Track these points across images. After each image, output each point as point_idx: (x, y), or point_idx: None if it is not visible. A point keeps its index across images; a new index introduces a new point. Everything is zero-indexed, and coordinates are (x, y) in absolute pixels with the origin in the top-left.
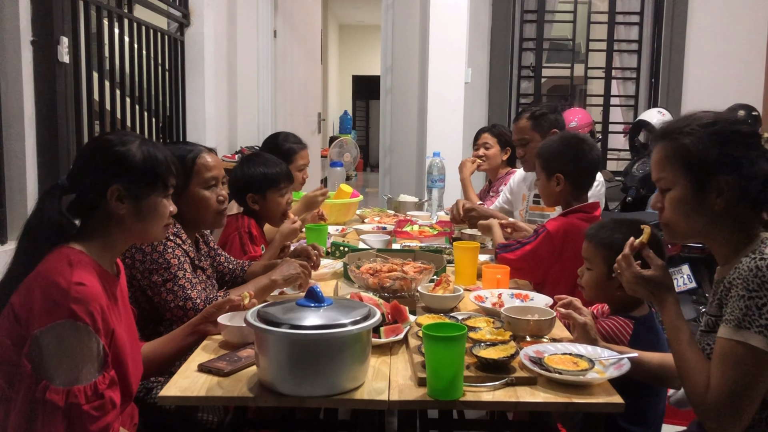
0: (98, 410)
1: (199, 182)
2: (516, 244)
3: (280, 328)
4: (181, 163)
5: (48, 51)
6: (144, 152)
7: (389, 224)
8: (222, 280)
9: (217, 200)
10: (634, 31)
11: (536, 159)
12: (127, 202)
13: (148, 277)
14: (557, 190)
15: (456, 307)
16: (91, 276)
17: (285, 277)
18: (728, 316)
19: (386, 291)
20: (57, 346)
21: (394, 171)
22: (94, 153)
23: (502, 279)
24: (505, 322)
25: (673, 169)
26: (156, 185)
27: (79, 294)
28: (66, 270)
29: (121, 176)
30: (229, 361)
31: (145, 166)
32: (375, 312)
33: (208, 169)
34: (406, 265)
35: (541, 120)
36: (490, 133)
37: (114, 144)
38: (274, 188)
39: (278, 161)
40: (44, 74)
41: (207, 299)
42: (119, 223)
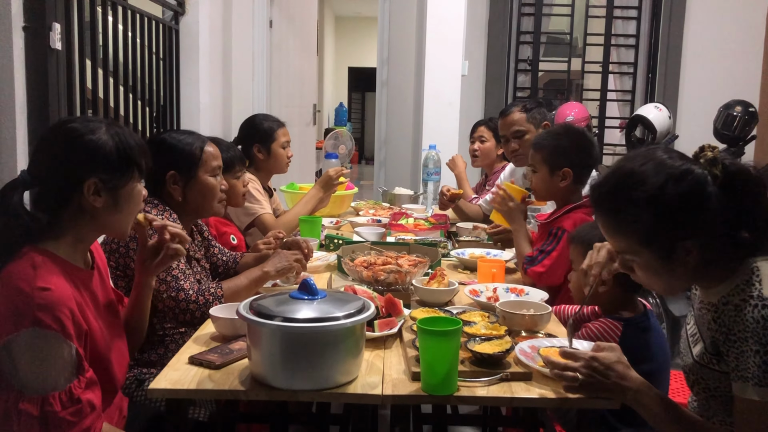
0: (75, 415)
1: (207, 170)
2: (539, 255)
3: (273, 321)
4: (189, 151)
5: (40, 37)
6: (116, 139)
7: (384, 217)
8: (215, 273)
9: (221, 189)
10: (631, 25)
11: (535, 152)
12: (104, 195)
13: None
14: (561, 185)
15: (451, 301)
16: (58, 278)
17: (278, 268)
18: (743, 372)
19: (380, 284)
20: (26, 355)
21: (389, 164)
22: (61, 144)
23: (498, 273)
24: (501, 316)
25: (629, 242)
26: (132, 172)
27: (43, 300)
28: (29, 274)
29: (97, 169)
30: (220, 353)
31: (119, 154)
32: (369, 305)
33: (215, 157)
34: (401, 258)
35: (534, 113)
36: (486, 126)
37: (82, 133)
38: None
39: (231, 145)
40: (36, 61)
41: (200, 291)
42: (93, 216)
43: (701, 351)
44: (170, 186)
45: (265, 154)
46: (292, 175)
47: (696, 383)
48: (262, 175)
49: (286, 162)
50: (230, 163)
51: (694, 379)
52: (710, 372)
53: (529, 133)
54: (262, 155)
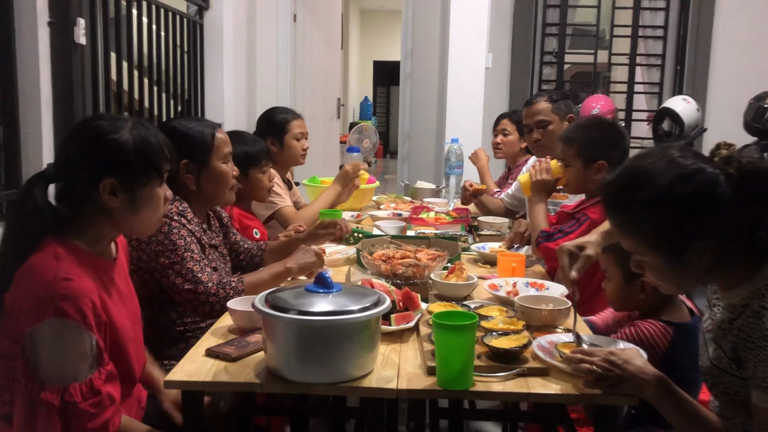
0: (95, 407)
1: (219, 157)
2: (558, 233)
3: (288, 314)
4: (201, 139)
5: (65, 32)
6: (137, 140)
7: (405, 211)
8: (236, 261)
9: (232, 175)
10: (659, 16)
11: (567, 146)
12: (121, 195)
13: (155, 260)
14: (595, 179)
15: (469, 295)
16: (80, 269)
17: (300, 264)
18: (761, 381)
19: (398, 278)
20: (48, 344)
21: (412, 157)
22: (84, 141)
23: (518, 267)
24: (519, 311)
25: (638, 243)
26: (150, 175)
27: (66, 290)
28: (52, 265)
29: (114, 169)
30: (237, 346)
31: (138, 156)
32: (384, 299)
33: (226, 144)
34: (420, 252)
35: (560, 104)
36: (509, 119)
37: (106, 131)
38: (255, 166)
39: (257, 139)
40: (61, 56)
41: (220, 284)
42: (111, 216)
43: (719, 354)
44: (184, 175)
45: (279, 147)
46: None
47: (714, 386)
48: (279, 167)
49: (300, 154)
50: (256, 157)
51: (712, 382)
52: (730, 377)
53: (552, 123)
54: (275, 147)
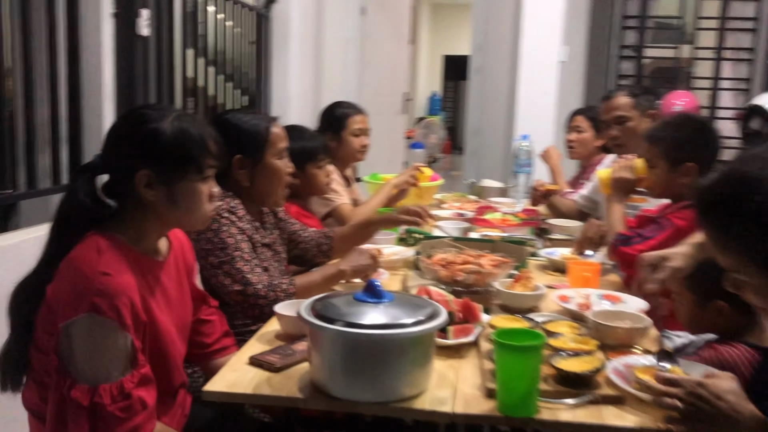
0: (125, 411)
1: (274, 153)
2: (636, 237)
3: (334, 325)
4: (256, 132)
5: (128, 24)
6: (176, 130)
7: (469, 211)
8: (299, 251)
9: (287, 172)
10: (749, 7)
11: (651, 145)
12: (157, 189)
13: (204, 258)
14: (682, 182)
15: (536, 306)
16: (121, 265)
17: (354, 267)
18: None
19: (459, 285)
20: (81, 340)
21: (480, 154)
22: (126, 129)
23: (591, 278)
24: (592, 328)
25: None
26: (188, 167)
27: (103, 285)
28: (93, 258)
29: (149, 159)
30: (282, 354)
31: (175, 147)
32: (441, 311)
33: (281, 139)
34: (483, 258)
35: (641, 99)
36: (584, 116)
37: (146, 120)
38: (312, 161)
39: (315, 134)
40: (124, 48)
41: (270, 286)
42: (153, 210)
43: None
44: (236, 171)
45: (337, 142)
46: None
47: None
48: (338, 163)
49: (358, 150)
50: (313, 152)
51: None
52: None
53: (632, 120)
54: (334, 143)
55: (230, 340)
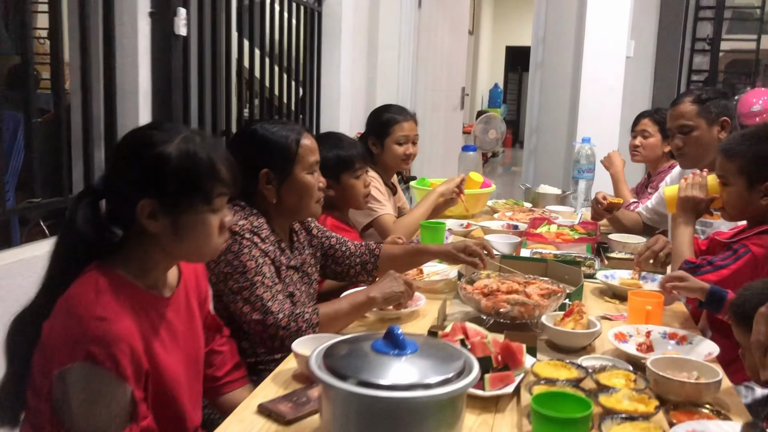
0: None
1: (303, 167)
2: (707, 266)
3: (347, 383)
4: (285, 145)
5: (165, 23)
6: (182, 154)
7: (522, 222)
8: (340, 267)
9: (318, 187)
10: None
11: (727, 160)
12: (161, 219)
13: (224, 282)
14: (761, 203)
15: (590, 345)
16: (121, 307)
17: (386, 295)
18: None
19: (502, 317)
20: (76, 390)
21: (540, 152)
22: (128, 152)
23: (653, 312)
24: (651, 379)
25: None
26: (194, 196)
27: (99, 332)
28: (90, 299)
29: (152, 187)
30: (295, 402)
31: (181, 174)
32: (472, 365)
33: (312, 152)
34: (530, 285)
35: (709, 105)
36: (651, 119)
37: (151, 143)
38: (348, 171)
39: (353, 142)
40: (161, 48)
41: (292, 315)
42: (157, 243)
43: None
44: (263, 186)
45: (380, 148)
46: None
47: None
48: (382, 170)
49: (401, 159)
50: (348, 162)
51: None
52: None
53: (697, 129)
54: (376, 149)
55: (241, 372)
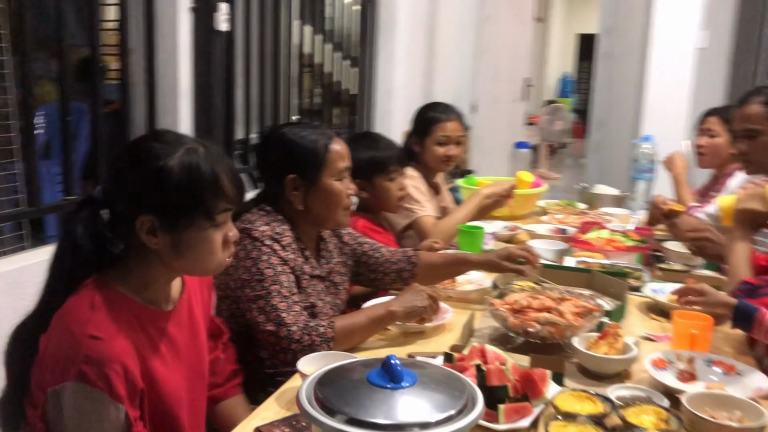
0: None
1: (332, 173)
2: (766, 287)
3: (334, 420)
4: (313, 150)
5: (207, 18)
6: (184, 168)
7: (572, 226)
8: (382, 281)
9: (347, 194)
10: None
11: None
12: (161, 236)
13: (241, 289)
14: None
15: (626, 371)
16: (116, 325)
17: (407, 308)
18: None
19: (531, 337)
20: (69, 410)
21: (604, 150)
22: (128, 164)
23: (700, 336)
24: (685, 419)
25: None
26: (196, 213)
27: (92, 351)
28: (84, 316)
29: (151, 203)
30: (293, 428)
31: (182, 189)
32: (476, 400)
33: (341, 158)
34: (565, 302)
35: None
36: (719, 117)
37: (153, 156)
38: (381, 173)
39: (390, 144)
40: (202, 43)
41: (306, 327)
42: (158, 258)
43: None
44: (290, 192)
45: (421, 148)
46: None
47: None
48: (423, 169)
49: (442, 160)
50: (382, 164)
51: None
52: None
53: (764, 134)
54: (418, 148)
55: (238, 379)
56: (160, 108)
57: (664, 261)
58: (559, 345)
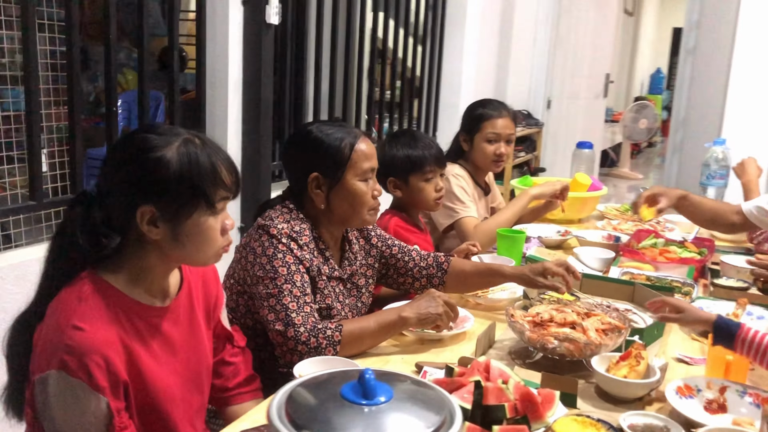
0: None
1: (356, 173)
2: None
3: None
4: (337, 149)
5: (258, 12)
6: (183, 160)
7: (626, 233)
8: (412, 285)
9: (372, 195)
10: None
11: None
12: (162, 226)
13: (255, 286)
14: None
15: (648, 397)
16: (102, 315)
17: (421, 316)
18: None
19: (548, 353)
20: (51, 398)
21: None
22: (124, 157)
23: (736, 364)
24: None
25: None
26: (197, 202)
27: (72, 341)
28: (70, 307)
29: (152, 194)
30: None
31: (182, 180)
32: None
33: (367, 158)
34: (591, 317)
35: None
36: None
37: (150, 147)
38: (416, 173)
39: (430, 143)
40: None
41: (314, 329)
42: (156, 249)
43: None
44: (312, 190)
45: (469, 145)
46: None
47: None
48: (472, 168)
49: (491, 160)
50: (419, 163)
51: None
52: None
53: None
54: (467, 145)
55: (254, 384)
56: (209, 99)
57: (720, 276)
58: (581, 363)
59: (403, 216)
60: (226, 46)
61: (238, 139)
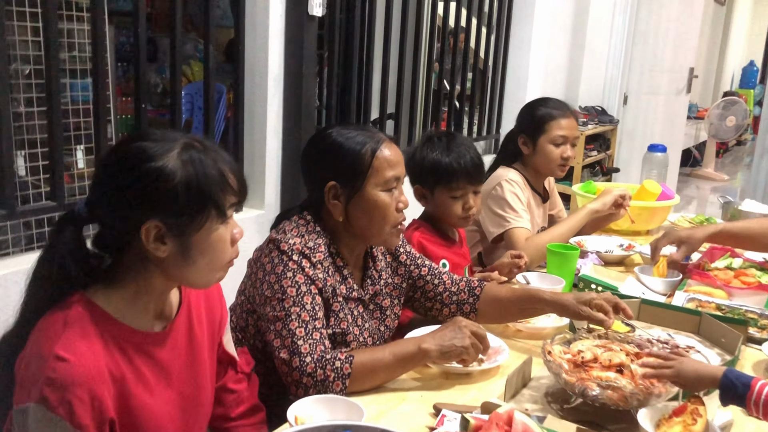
0: None
1: (378, 182)
2: None
3: None
4: (357, 155)
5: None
6: (188, 169)
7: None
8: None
9: (397, 207)
10: None
11: None
12: (170, 242)
13: (263, 305)
14: None
15: None
16: (89, 345)
17: (444, 349)
18: None
19: (588, 399)
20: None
21: None
22: (120, 169)
23: None
24: None
25: None
26: (207, 212)
27: (55, 374)
28: (54, 333)
29: (157, 207)
30: None
31: (188, 187)
32: None
33: (391, 165)
34: (642, 357)
35: None
36: None
37: (147, 157)
38: (443, 185)
39: (465, 153)
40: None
41: (322, 359)
42: (159, 266)
43: None
44: (329, 201)
45: (531, 149)
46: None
47: None
48: (531, 174)
49: (558, 164)
50: (446, 175)
51: None
52: None
53: None
54: (527, 149)
55: (258, 416)
56: (248, 95)
57: None
58: (628, 412)
59: (427, 227)
60: (266, 39)
61: (279, 137)
